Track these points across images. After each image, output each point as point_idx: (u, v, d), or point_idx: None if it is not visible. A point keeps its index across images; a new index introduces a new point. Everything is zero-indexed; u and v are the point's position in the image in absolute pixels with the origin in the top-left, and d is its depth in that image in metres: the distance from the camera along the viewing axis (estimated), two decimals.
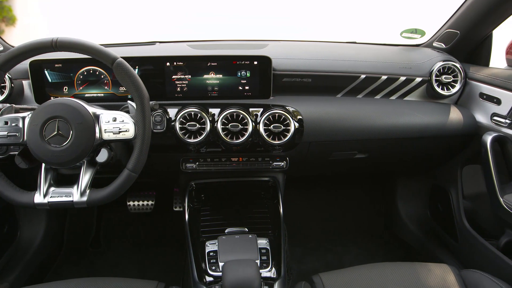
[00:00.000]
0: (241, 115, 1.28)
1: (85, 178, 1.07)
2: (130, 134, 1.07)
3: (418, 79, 1.48)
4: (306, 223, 2.25)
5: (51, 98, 1.24)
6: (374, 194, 2.32)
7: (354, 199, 2.35)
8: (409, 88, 1.48)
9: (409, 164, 1.87)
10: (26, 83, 1.36)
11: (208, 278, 1.24)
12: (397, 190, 2.12)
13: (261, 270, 1.24)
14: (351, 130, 1.40)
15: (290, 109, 1.34)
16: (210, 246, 1.32)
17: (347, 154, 1.52)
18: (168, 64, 1.31)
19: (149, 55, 1.32)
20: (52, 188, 1.07)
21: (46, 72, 1.29)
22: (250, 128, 1.28)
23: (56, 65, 1.29)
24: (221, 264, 1.25)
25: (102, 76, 1.32)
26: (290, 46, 1.64)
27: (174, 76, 1.32)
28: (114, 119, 1.07)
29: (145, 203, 2.14)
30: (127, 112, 1.11)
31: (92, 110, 1.06)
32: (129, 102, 1.14)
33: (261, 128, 1.29)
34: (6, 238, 1.76)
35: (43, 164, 1.06)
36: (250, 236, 1.35)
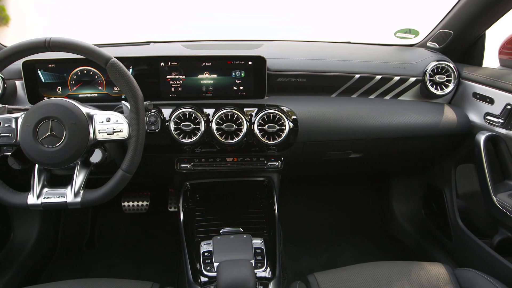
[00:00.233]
0: (235, 115, 1.28)
1: (79, 178, 1.06)
2: (124, 135, 1.06)
3: (412, 79, 1.48)
4: (301, 223, 2.25)
5: (45, 98, 1.24)
6: (369, 194, 2.33)
7: (349, 199, 2.35)
8: (403, 88, 1.49)
9: (403, 164, 1.88)
10: (19, 83, 1.35)
11: (203, 279, 1.24)
12: (392, 189, 2.13)
13: (256, 270, 1.24)
14: (346, 130, 1.40)
15: (285, 109, 1.34)
16: (205, 247, 1.32)
17: (341, 154, 1.52)
18: (162, 64, 1.31)
19: (143, 55, 1.32)
20: (45, 189, 1.06)
21: (39, 72, 1.29)
22: (244, 128, 1.28)
23: (50, 65, 1.29)
24: (215, 264, 1.25)
25: (96, 76, 1.31)
26: (284, 46, 1.65)
27: (168, 76, 1.32)
28: (108, 120, 1.06)
29: (140, 203, 2.13)
30: (121, 112, 1.10)
31: (86, 110, 1.06)
32: (123, 102, 1.13)
33: (255, 128, 1.29)
34: None
35: (36, 165, 1.06)
36: (245, 236, 1.35)
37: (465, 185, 1.67)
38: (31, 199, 1.04)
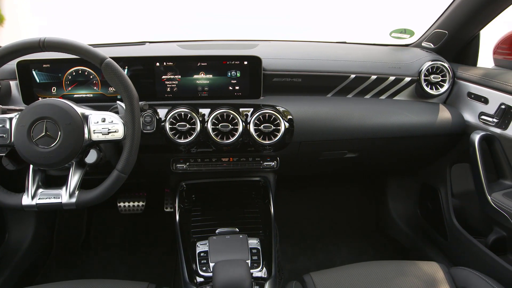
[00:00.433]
0: (231, 115, 1.28)
1: (74, 179, 1.06)
2: (119, 135, 1.06)
3: (407, 79, 1.49)
4: (297, 223, 2.25)
5: (39, 98, 1.23)
6: (364, 194, 2.34)
7: (344, 199, 2.36)
8: (398, 87, 1.50)
9: (398, 163, 1.89)
10: (14, 84, 1.34)
11: (199, 279, 1.24)
12: (387, 189, 2.13)
13: (252, 270, 1.23)
14: (341, 130, 1.40)
15: (280, 109, 1.34)
16: (201, 247, 1.32)
17: (337, 153, 1.53)
18: (158, 64, 1.30)
19: (138, 55, 1.31)
20: (40, 190, 1.05)
21: (34, 72, 1.28)
22: (240, 128, 1.28)
23: (44, 65, 1.28)
24: (211, 264, 1.25)
25: (91, 77, 1.31)
26: (280, 46, 1.65)
27: (164, 76, 1.32)
28: (103, 120, 1.06)
29: (135, 204, 2.13)
30: (117, 112, 1.10)
31: (80, 110, 1.06)
32: (118, 102, 1.13)
33: (251, 128, 1.29)
34: None
35: (31, 166, 1.05)
36: (241, 236, 1.35)
37: (460, 184, 1.68)
38: (26, 200, 1.04)
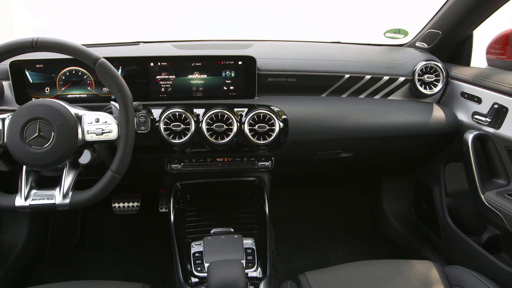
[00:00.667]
0: (225, 115, 1.28)
1: (67, 180, 1.05)
2: (113, 135, 1.06)
3: (401, 79, 1.49)
4: (292, 222, 2.26)
5: (32, 99, 1.23)
6: (359, 193, 2.34)
7: (339, 198, 2.36)
8: (392, 87, 1.50)
9: (393, 163, 1.90)
10: (7, 84, 1.33)
11: (194, 279, 1.24)
12: (382, 188, 2.14)
13: (246, 270, 1.24)
14: (336, 130, 1.41)
15: (275, 109, 1.34)
16: (196, 247, 1.32)
17: (332, 153, 1.53)
18: (152, 64, 1.30)
19: (132, 55, 1.31)
20: (33, 191, 1.05)
21: (27, 72, 1.27)
22: (235, 128, 1.28)
23: (37, 65, 1.27)
24: (206, 265, 1.25)
25: (85, 77, 1.30)
26: (275, 46, 1.65)
27: (158, 77, 1.31)
28: (97, 120, 1.05)
29: (130, 204, 2.12)
30: (111, 113, 1.10)
31: (74, 111, 1.05)
32: (112, 103, 1.12)
33: (246, 128, 1.29)
34: None
35: (24, 167, 1.04)
36: (236, 236, 1.35)
37: (454, 183, 1.69)
38: (19, 201, 1.03)
